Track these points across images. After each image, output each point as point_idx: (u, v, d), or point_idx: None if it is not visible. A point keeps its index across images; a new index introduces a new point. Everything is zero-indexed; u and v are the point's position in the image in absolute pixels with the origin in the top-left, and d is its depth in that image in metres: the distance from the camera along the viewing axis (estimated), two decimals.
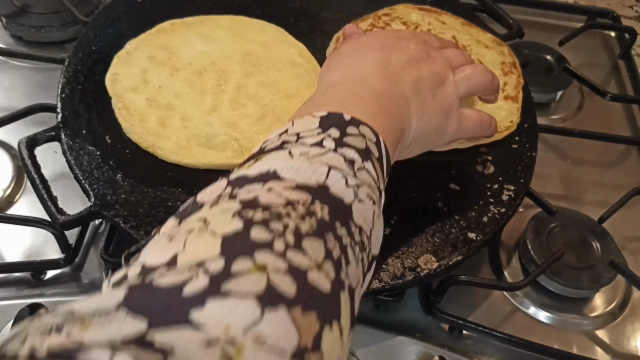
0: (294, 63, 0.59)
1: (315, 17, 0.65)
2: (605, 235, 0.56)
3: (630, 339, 0.53)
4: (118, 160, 0.50)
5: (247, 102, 0.55)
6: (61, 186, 0.51)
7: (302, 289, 0.26)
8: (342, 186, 0.33)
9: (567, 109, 0.72)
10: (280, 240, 0.27)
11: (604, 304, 0.55)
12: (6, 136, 0.60)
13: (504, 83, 0.58)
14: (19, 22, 0.70)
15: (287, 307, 0.25)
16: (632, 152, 0.68)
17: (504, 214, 0.50)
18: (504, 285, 0.54)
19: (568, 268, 0.53)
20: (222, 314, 0.23)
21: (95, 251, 0.54)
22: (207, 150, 0.51)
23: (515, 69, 0.60)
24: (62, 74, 0.55)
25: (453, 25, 0.63)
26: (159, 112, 0.53)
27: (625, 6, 0.87)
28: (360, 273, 0.32)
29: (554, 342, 0.52)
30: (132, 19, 0.61)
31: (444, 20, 0.64)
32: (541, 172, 0.59)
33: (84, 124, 0.52)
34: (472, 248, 0.48)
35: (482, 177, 0.53)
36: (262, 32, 0.62)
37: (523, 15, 0.79)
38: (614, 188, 0.63)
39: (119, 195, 0.48)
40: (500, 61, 0.60)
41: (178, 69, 0.57)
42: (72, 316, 0.22)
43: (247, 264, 0.25)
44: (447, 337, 0.52)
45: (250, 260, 0.26)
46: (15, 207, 0.57)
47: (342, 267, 0.30)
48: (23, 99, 0.63)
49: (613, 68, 0.78)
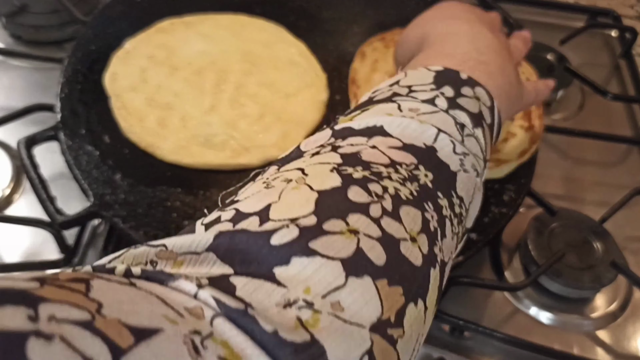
0: (293, 62, 0.59)
1: (316, 16, 0.65)
2: (606, 235, 0.55)
3: (631, 340, 0.53)
4: (117, 160, 0.50)
5: (246, 102, 0.55)
6: (60, 186, 0.51)
7: (392, 260, 0.25)
8: (449, 152, 0.31)
9: (568, 109, 0.72)
10: (378, 205, 0.26)
11: (605, 304, 0.55)
12: (5, 136, 0.60)
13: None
14: (18, 21, 0.70)
15: (373, 277, 0.24)
16: (633, 151, 0.68)
17: (505, 214, 0.50)
18: (504, 286, 0.54)
19: (569, 268, 0.53)
20: (305, 275, 0.22)
21: (94, 251, 0.54)
22: (206, 150, 0.51)
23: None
24: (61, 74, 0.55)
25: None
26: (158, 111, 0.53)
27: (626, 6, 0.87)
28: (454, 247, 0.31)
29: (555, 342, 0.52)
30: (131, 18, 0.61)
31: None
32: (542, 172, 0.59)
33: (82, 124, 0.52)
34: (473, 248, 0.48)
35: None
36: (262, 31, 0.62)
37: (524, 14, 0.79)
38: (615, 188, 0.63)
39: (117, 195, 0.48)
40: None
41: (177, 68, 0.57)
42: (164, 252, 0.23)
43: (340, 225, 0.25)
44: (447, 337, 0.51)
45: (343, 222, 0.25)
46: (13, 207, 0.56)
47: (437, 240, 0.28)
48: (22, 99, 0.63)
49: (614, 68, 0.78)
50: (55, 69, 0.58)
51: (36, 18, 0.70)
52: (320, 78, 0.59)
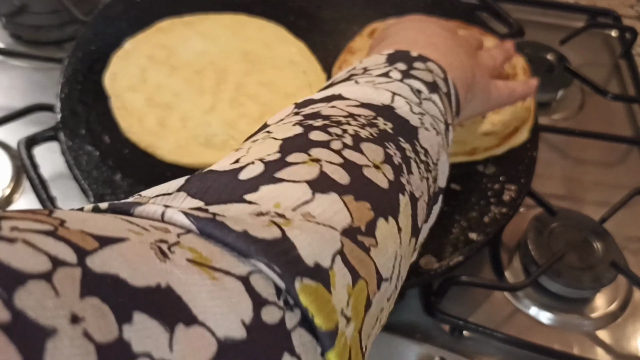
0: (293, 62, 0.59)
1: (315, 15, 0.65)
2: (606, 235, 0.56)
3: (631, 340, 0.53)
4: (117, 160, 0.50)
5: (246, 102, 0.55)
6: (60, 186, 0.51)
7: (356, 180, 0.26)
8: (407, 110, 0.33)
9: (568, 109, 0.72)
10: (338, 141, 0.27)
11: (605, 304, 0.55)
12: (5, 136, 0.60)
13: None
14: (17, 21, 0.70)
15: (339, 193, 0.24)
16: (633, 151, 0.68)
17: (505, 214, 0.50)
18: (504, 286, 0.54)
19: (569, 268, 0.53)
20: (274, 194, 0.23)
21: None
22: (206, 150, 0.51)
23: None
24: (61, 74, 0.55)
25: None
26: (158, 111, 0.53)
27: (626, 6, 0.87)
28: (425, 189, 0.31)
29: (555, 342, 0.52)
30: (131, 18, 0.61)
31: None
32: (542, 172, 0.59)
33: (82, 124, 0.52)
34: (473, 248, 0.48)
35: (482, 177, 0.53)
36: (262, 30, 0.62)
37: (524, 14, 0.79)
38: (615, 188, 0.63)
39: (117, 196, 0.48)
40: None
41: (177, 68, 0.57)
42: (138, 199, 0.23)
43: (302, 157, 0.26)
44: (447, 338, 0.51)
45: (305, 154, 0.26)
46: (14, 207, 0.56)
47: (402, 172, 0.29)
48: (22, 99, 0.63)
49: (614, 68, 0.78)
50: (55, 69, 0.58)
51: (36, 18, 0.70)
52: (320, 78, 0.59)
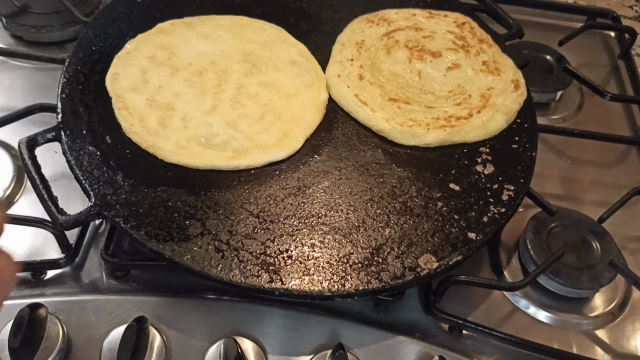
0: (294, 62, 0.59)
1: (315, 17, 0.65)
2: (605, 235, 0.56)
3: (630, 339, 0.53)
4: (118, 161, 0.50)
5: (247, 102, 0.55)
6: (61, 186, 0.51)
7: None
8: None
9: (567, 109, 0.72)
10: None
11: (603, 303, 0.55)
12: (6, 136, 0.60)
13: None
14: (19, 22, 0.70)
15: None
16: (631, 152, 0.68)
17: (504, 214, 0.50)
18: (503, 285, 0.54)
19: (568, 268, 0.53)
20: None
21: (95, 251, 0.54)
22: (207, 150, 0.51)
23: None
24: (62, 74, 0.55)
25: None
26: (159, 112, 0.53)
27: (625, 6, 0.87)
28: None
29: (554, 341, 0.52)
30: (132, 19, 0.61)
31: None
32: (541, 172, 0.59)
33: (84, 124, 0.52)
34: (472, 248, 0.48)
35: (482, 177, 0.53)
36: (262, 32, 0.62)
37: (523, 15, 0.79)
38: (613, 188, 0.63)
39: (119, 196, 0.48)
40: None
41: (178, 68, 0.57)
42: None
43: None
44: (447, 336, 0.52)
45: None
46: (15, 207, 0.57)
47: None
48: (23, 99, 0.63)
49: (613, 68, 0.78)
50: (57, 69, 0.58)
51: (37, 18, 0.71)
52: (320, 78, 0.59)
